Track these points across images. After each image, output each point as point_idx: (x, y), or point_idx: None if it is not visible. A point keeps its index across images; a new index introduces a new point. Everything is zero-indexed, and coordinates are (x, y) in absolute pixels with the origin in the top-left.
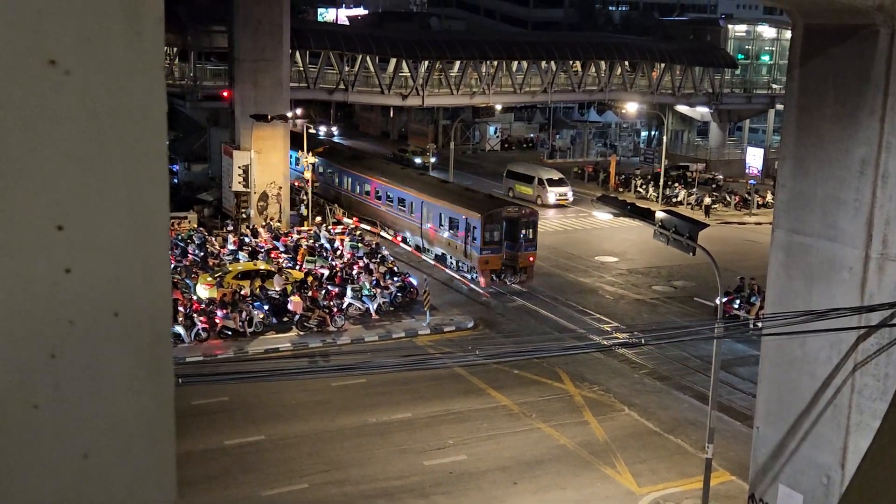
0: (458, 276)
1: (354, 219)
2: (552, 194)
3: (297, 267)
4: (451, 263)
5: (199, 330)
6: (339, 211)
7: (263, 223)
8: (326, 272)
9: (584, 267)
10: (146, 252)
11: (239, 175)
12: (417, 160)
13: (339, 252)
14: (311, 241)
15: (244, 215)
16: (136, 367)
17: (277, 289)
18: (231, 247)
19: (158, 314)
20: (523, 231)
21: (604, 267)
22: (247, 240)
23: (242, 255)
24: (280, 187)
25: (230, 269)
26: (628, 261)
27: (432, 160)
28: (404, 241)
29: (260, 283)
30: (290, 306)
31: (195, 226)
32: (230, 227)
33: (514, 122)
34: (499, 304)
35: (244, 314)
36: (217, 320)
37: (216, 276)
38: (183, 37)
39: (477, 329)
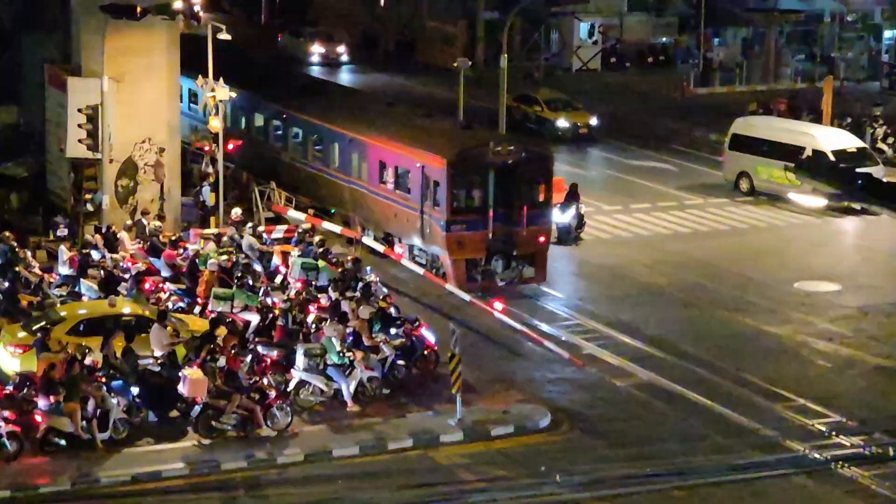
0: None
1: (308, 211)
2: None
3: (198, 309)
4: (407, 254)
5: (1, 436)
6: (279, 195)
7: (129, 221)
8: (255, 319)
9: (774, 303)
10: None
11: (81, 127)
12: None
13: (279, 279)
14: (225, 256)
15: (89, 206)
16: None
17: (158, 354)
18: (65, 269)
19: None
20: (525, 188)
21: (812, 302)
22: (95, 254)
23: (87, 286)
24: (161, 150)
25: (62, 313)
26: (860, 290)
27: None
28: (376, 239)
29: (124, 343)
30: (183, 388)
31: None
32: (61, 230)
33: (629, 16)
34: (596, 381)
35: (91, 405)
36: (38, 417)
37: (35, 327)
38: None
39: (559, 430)
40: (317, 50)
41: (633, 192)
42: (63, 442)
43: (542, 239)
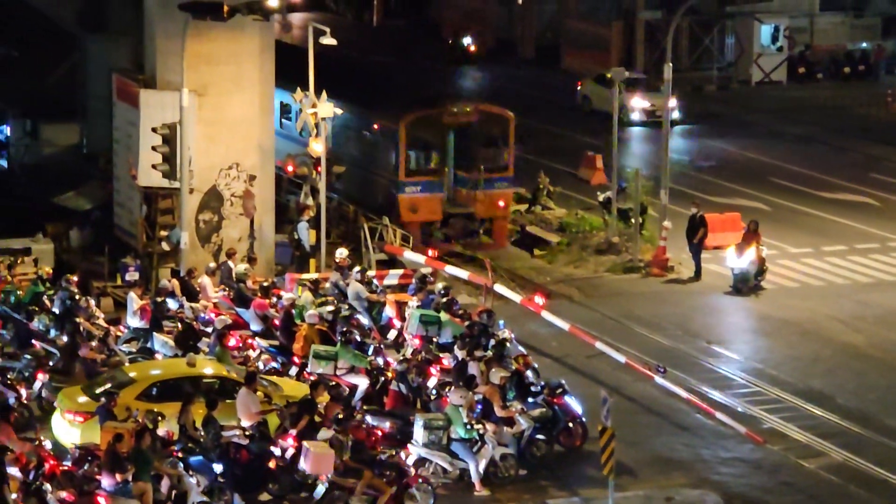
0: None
1: (430, 250)
2: None
3: (294, 371)
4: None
5: None
6: (393, 233)
7: (213, 263)
8: (363, 383)
9: None
10: None
11: (155, 150)
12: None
13: (392, 334)
14: (329, 307)
15: (165, 245)
16: None
17: (245, 424)
18: (135, 321)
19: None
20: (485, 150)
21: None
22: (172, 303)
23: (161, 342)
24: (251, 178)
25: (131, 374)
26: None
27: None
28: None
29: (205, 411)
30: (304, 463)
31: (49, 272)
32: (131, 274)
33: (821, 16)
34: (779, 461)
35: (165, 485)
36: (101, 500)
37: (98, 391)
38: None
39: None
40: (638, 105)
41: (826, 231)
42: None
43: (502, 203)
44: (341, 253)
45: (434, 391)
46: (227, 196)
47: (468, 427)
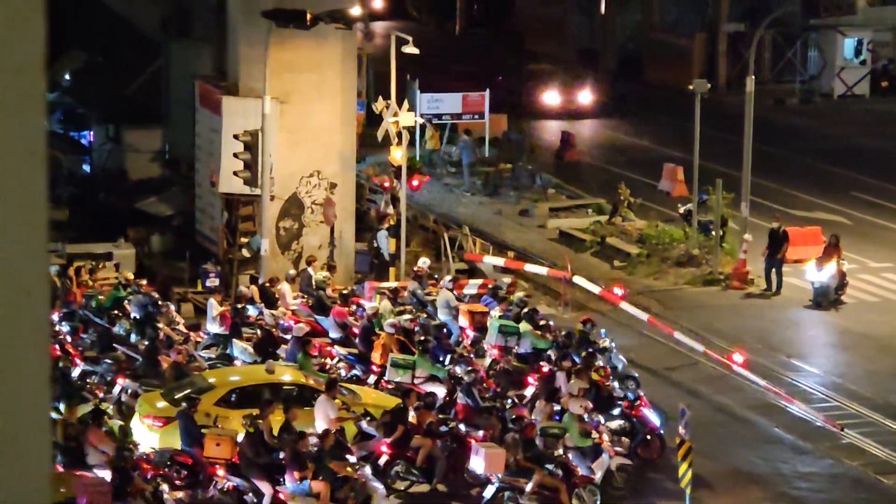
0: None
1: (508, 255)
2: None
3: (373, 379)
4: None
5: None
6: (472, 242)
7: (293, 270)
8: (441, 392)
9: None
10: None
11: (237, 156)
12: None
13: (470, 343)
14: (405, 316)
15: (245, 251)
16: None
17: (321, 430)
18: (214, 327)
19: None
20: None
21: None
22: (251, 310)
23: (240, 348)
24: (332, 186)
25: (210, 380)
26: None
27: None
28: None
29: (286, 418)
30: (477, 463)
31: (131, 277)
32: (212, 280)
33: None
34: (858, 476)
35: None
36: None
37: (178, 396)
38: None
39: None
40: None
41: None
42: None
43: None
44: (424, 262)
45: (510, 401)
46: (307, 203)
47: (584, 436)
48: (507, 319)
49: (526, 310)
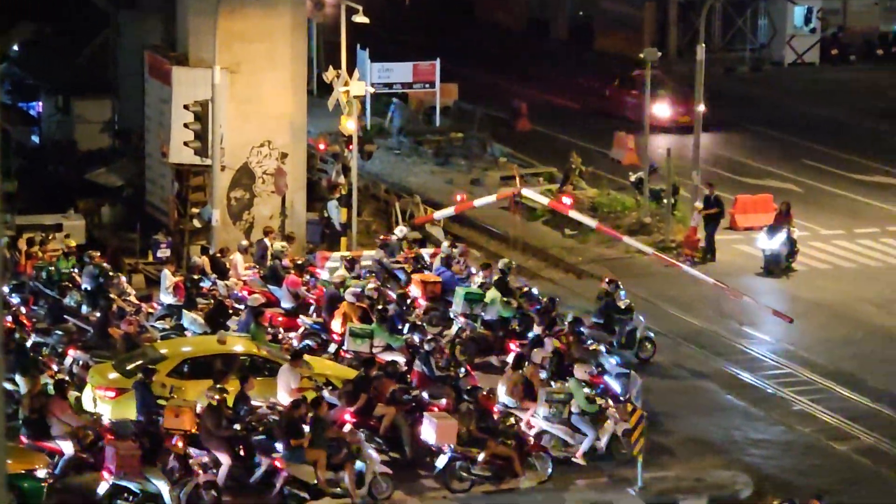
0: None
1: (458, 195)
2: None
3: (333, 348)
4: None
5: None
6: (423, 211)
7: (246, 241)
8: (400, 361)
9: None
10: None
11: (187, 126)
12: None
13: (423, 312)
14: (371, 284)
15: (196, 222)
16: None
17: (284, 399)
18: (168, 298)
19: None
20: None
21: None
22: (204, 282)
23: (190, 319)
24: (283, 156)
25: (162, 350)
26: None
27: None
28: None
29: (241, 388)
30: (428, 434)
31: (73, 244)
32: (163, 251)
33: None
34: (810, 443)
35: (211, 469)
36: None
37: (129, 367)
38: None
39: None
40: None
41: (858, 212)
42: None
43: None
44: (401, 230)
45: (463, 370)
46: (258, 174)
47: (590, 401)
48: (472, 287)
49: (497, 277)
